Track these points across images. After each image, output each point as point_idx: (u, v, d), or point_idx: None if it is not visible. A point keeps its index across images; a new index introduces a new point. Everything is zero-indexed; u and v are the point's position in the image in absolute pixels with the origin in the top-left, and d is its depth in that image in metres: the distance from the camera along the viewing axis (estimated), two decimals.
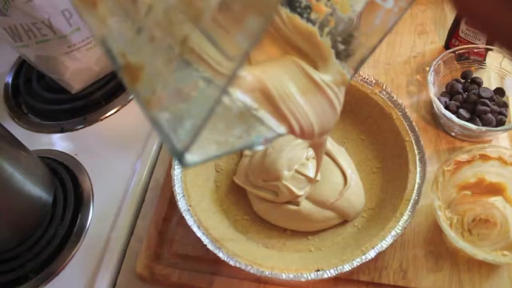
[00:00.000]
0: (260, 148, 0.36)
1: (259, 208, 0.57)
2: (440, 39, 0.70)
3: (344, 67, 0.39)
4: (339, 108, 0.40)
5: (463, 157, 0.52)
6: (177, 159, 0.27)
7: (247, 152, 0.60)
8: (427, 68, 0.66)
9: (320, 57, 0.39)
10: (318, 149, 0.48)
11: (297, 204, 0.54)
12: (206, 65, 0.27)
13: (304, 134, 0.38)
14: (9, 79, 0.81)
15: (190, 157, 0.28)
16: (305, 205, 0.54)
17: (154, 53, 0.28)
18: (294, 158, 0.55)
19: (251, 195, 0.57)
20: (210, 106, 0.25)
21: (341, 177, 0.55)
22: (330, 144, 0.57)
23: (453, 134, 0.60)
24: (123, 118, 0.73)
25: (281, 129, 0.36)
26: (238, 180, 0.58)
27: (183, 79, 0.28)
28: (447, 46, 0.68)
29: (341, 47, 0.39)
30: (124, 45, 0.29)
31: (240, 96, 0.33)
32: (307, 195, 0.55)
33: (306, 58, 0.39)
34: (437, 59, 0.60)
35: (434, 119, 0.62)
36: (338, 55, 0.39)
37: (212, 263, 0.55)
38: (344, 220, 0.55)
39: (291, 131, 0.37)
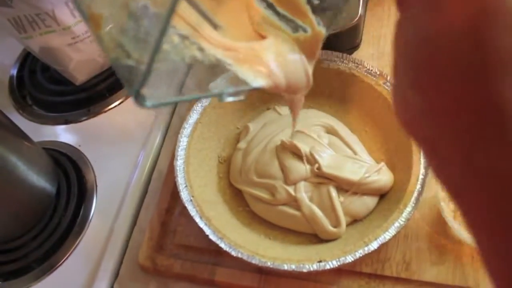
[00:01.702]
0: (229, 99, 0.36)
1: (255, 208, 0.56)
2: None
3: (319, 22, 0.38)
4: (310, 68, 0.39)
5: None
6: (134, 99, 0.29)
7: (240, 145, 0.59)
8: None
9: (296, 13, 0.38)
10: (293, 106, 0.46)
11: (297, 208, 0.53)
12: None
13: (273, 87, 0.37)
14: (14, 71, 0.82)
15: (148, 99, 0.30)
16: (307, 210, 0.53)
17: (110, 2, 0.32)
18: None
19: (246, 195, 0.57)
20: (156, 42, 0.27)
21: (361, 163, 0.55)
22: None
23: None
24: (127, 110, 0.73)
25: (253, 82, 0.36)
26: (232, 179, 0.58)
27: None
28: None
29: (316, 1, 0.39)
30: None
31: (211, 51, 0.34)
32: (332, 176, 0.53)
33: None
34: None
35: None
36: (314, 10, 0.38)
37: (214, 254, 0.54)
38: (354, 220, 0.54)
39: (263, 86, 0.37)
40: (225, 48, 0.35)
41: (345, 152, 0.54)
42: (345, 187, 0.53)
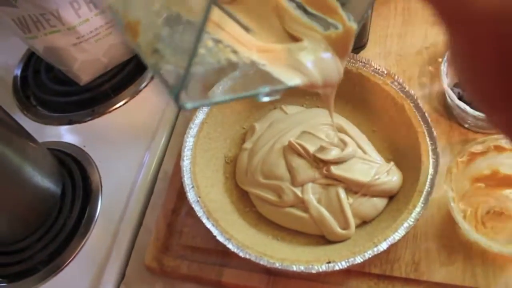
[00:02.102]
0: (265, 99, 0.37)
1: (262, 210, 0.56)
2: None
3: (350, 17, 0.38)
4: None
5: (478, 148, 0.51)
6: (174, 102, 0.31)
7: (245, 146, 0.59)
8: (440, 59, 0.65)
9: (325, 11, 0.38)
10: (328, 100, 0.47)
11: (305, 210, 0.53)
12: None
13: (308, 85, 0.39)
14: (18, 72, 0.81)
15: (188, 100, 0.31)
16: (315, 212, 0.52)
17: (145, 7, 0.33)
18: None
19: (253, 196, 0.56)
20: (193, 47, 0.28)
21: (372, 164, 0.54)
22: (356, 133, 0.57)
23: (466, 125, 0.59)
24: (132, 110, 0.72)
25: (289, 81, 0.37)
26: (238, 181, 0.58)
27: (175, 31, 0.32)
28: None
29: None
30: (124, 6, 0.33)
31: (246, 53, 0.35)
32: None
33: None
34: None
35: (446, 111, 0.61)
36: (343, 5, 0.39)
37: (221, 255, 0.54)
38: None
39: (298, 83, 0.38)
40: (259, 50, 0.36)
41: (355, 151, 0.54)
42: (354, 188, 0.52)
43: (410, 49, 0.68)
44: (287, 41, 0.39)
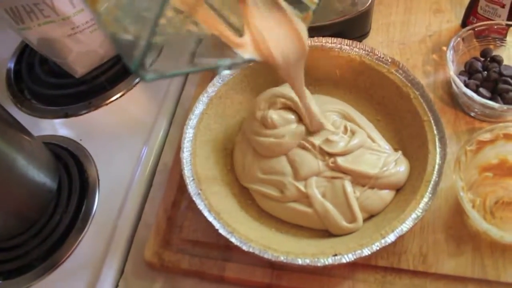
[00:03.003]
0: (225, 72, 0.37)
1: (263, 205, 0.54)
2: (456, 17, 0.67)
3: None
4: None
5: (486, 136, 0.50)
6: (134, 73, 0.30)
7: (238, 138, 0.57)
8: (444, 48, 0.64)
9: None
10: (291, 81, 0.47)
11: (309, 204, 0.51)
12: None
13: (269, 60, 0.39)
14: (11, 64, 0.79)
15: (148, 72, 0.31)
16: (319, 207, 0.51)
17: None
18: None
19: (253, 192, 0.55)
20: (155, 17, 0.28)
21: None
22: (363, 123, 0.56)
23: (472, 114, 0.58)
24: (129, 102, 0.71)
25: (245, 55, 0.38)
26: (237, 176, 0.56)
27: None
28: (464, 24, 0.65)
29: None
30: None
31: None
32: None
33: None
34: (456, 37, 0.58)
35: (452, 99, 0.60)
36: None
37: (223, 249, 0.53)
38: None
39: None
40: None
41: (364, 141, 0.52)
42: (362, 181, 0.51)
43: (413, 38, 0.66)
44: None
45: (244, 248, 0.47)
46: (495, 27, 0.59)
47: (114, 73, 0.73)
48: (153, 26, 0.28)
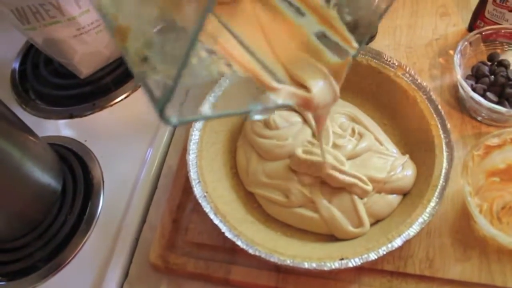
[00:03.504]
0: (257, 117, 0.36)
1: (269, 209, 0.54)
2: (463, 21, 0.67)
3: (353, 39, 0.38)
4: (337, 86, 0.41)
5: (494, 141, 0.50)
6: (158, 115, 0.29)
7: (240, 143, 0.57)
8: (451, 51, 0.64)
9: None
10: (318, 122, 0.46)
11: (315, 210, 0.51)
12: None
13: (304, 105, 0.39)
14: (16, 65, 0.79)
15: (174, 114, 0.29)
16: (326, 213, 0.50)
17: (138, 15, 0.31)
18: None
19: (258, 196, 0.54)
20: (184, 55, 0.26)
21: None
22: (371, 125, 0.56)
23: (479, 118, 0.57)
24: (134, 104, 0.71)
25: (279, 99, 0.36)
26: (242, 180, 0.56)
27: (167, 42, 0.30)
28: (470, 28, 0.65)
29: (348, 17, 0.38)
30: (115, 8, 0.31)
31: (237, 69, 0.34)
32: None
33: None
34: (463, 40, 0.58)
35: (459, 103, 0.59)
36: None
37: (229, 252, 0.52)
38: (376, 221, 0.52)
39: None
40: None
41: (371, 145, 0.52)
42: None
43: (420, 41, 0.66)
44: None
45: (250, 251, 0.46)
46: (503, 31, 0.58)
47: (119, 74, 0.73)
48: (182, 65, 0.26)
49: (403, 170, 0.51)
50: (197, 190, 0.51)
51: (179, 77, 0.27)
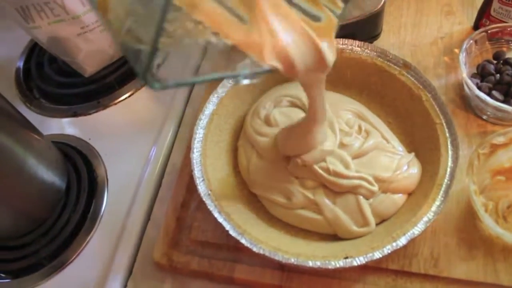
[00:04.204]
0: (245, 81, 0.35)
1: (272, 210, 0.53)
2: (468, 19, 0.67)
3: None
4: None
5: (499, 139, 0.49)
6: (140, 79, 0.29)
7: (240, 142, 0.57)
8: (456, 50, 0.63)
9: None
10: (309, 89, 0.44)
11: (318, 211, 0.50)
12: None
13: (289, 70, 0.37)
14: (20, 63, 0.79)
15: (158, 80, 0.30)
16: (330, 214, 0.50)
17: None
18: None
19: (261, 197, 0.54)
20: (158, 19, 0.27)
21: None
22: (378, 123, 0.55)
23: (484, 117, 0.57)
24: (138, 102, 0.71)
25: (266, 65, 0.36)
26: (246, 182, 0.55)
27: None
28: (476, 26, 0.65)
29: None
30: None
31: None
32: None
33: None
34: (469, 39, 0.57)
35: (464, 102, 0.59)
36: None
37: (233, 250, 0.52)
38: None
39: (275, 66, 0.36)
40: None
41: (378, 143, 0.52)
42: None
43: (425, 39, 0.66)
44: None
45: (255, 249, 0.46)
46: (509, 29, 0.58)
47: (123, 73, 0.73)
48: (157, 29, 0.27)
49: (409, 169, 0.51)
50: (201, 188, 0.51)
51: (156, 41, 0.27)
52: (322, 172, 0.50)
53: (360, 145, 0.51)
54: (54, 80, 0.74)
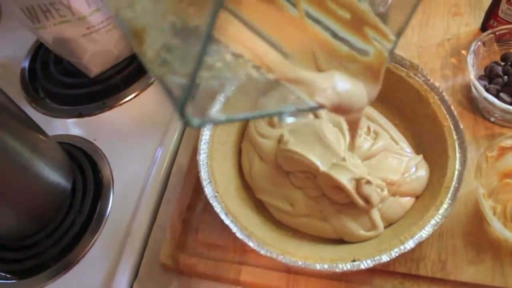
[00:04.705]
0: (289, 120, 0.34)
1: (276, 215, 0.53)
2: (475, 21, 0.67)
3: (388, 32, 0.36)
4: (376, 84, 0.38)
5: (508, 142, 0.49)
6: (178, 115, 0.28)
7: (244, 144, 0.57)
8: (463, 51, 0.63)
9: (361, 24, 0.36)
10: (352, 125, 0.44)
11: (324, 219, 0.50)
12: None
13: (335, 109, 0.36)
14: (25, 64, 0.79)
15: (197, 116, 0.28)
16: (337, 222, 0.49)
17: (153, 15, 0.30)
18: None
19: (265, 202, 0.54)
20: (199, 53, 0.25)
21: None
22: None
23: (492, 119, 0.57)
24: (143, 103, 0.70)
25: (312, 102, 0.34)
26: (250, 186, 0.55)
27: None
28: (483, 28, 0.65)
29: (380, 9, 0.37)
30: (131, 12, 0.30)
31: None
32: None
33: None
34: (477, 40, 0.57)
35: (471, 104, 0.59)
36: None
37: (239, 252, 0.52)
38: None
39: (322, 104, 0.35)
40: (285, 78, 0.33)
41: (387, 145, 0.52)
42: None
43: (432, 41, 0.66)
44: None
45: (262, 252, 0.46)
46: None
47: (128, 73, 0.72)
48: (197, 63, 0.26)
49: (417, 171, 0.50)
50: (208, 190, 0.51)
51: (195, 74, 0.26)
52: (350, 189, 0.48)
53: (369, 147, 0.51)
54: (60, 80, 0.74)
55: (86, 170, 0.63)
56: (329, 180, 0.48)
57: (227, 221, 0.48)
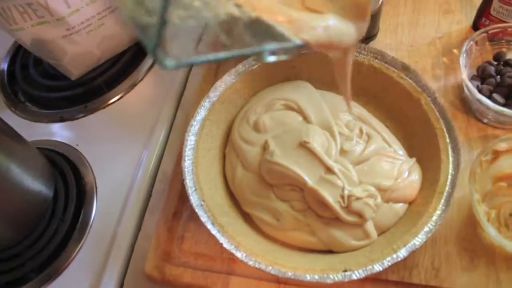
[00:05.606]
0: (271, 58, 0.32)
1: (262, 227, 0.51)
2: (467, 18, 0.65)
3: None
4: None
5: (502, 146, 0.48)
6: (151, 56, 0.27)
7: (228, 150, 0.55)
8: (455, 50, 0.62)
9: None
10: (341, 72, 0.42)
11: (312, 233, 0.48)
12: None
13: (321, 46, 0.34)
14: (4, 66, 0.77)
15: (170, 57, 0.27)
16: (324, 236, 0.48)
17: None
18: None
19: (250, 214, 0.52)
20: None
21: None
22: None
23: (485, 121, 0.55)
24: (127, 106, 0.68)
25: (297, 39, 0.33)
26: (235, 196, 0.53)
27: None
28: (475, 26, 0.63)
29: None
30: None
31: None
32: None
33: None
34: (469, 40, 0.56)
35: (463, 105, 0.57)
36: None
37: (227, 262, 0.51)
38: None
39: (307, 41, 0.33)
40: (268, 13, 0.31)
41: (379, 148, 0.50)
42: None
43: (422, 39, 0.64)
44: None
45: (250, 263, 0.44)
46: (510, 29, 0.56)
47: (111, 75, 0.70)
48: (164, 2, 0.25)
49: (410, 175, 0.49)
50: (194, 199, 0.49)
51: (164, 11, 0.25)
52: (335, 206, 0.47)
53: (361, 151, 0.49)
54: (40, 83, 0.72)
55: (68, 176, 0.61)
56: (317, 196, 0.46)
57: (213, 231, 0.47)
